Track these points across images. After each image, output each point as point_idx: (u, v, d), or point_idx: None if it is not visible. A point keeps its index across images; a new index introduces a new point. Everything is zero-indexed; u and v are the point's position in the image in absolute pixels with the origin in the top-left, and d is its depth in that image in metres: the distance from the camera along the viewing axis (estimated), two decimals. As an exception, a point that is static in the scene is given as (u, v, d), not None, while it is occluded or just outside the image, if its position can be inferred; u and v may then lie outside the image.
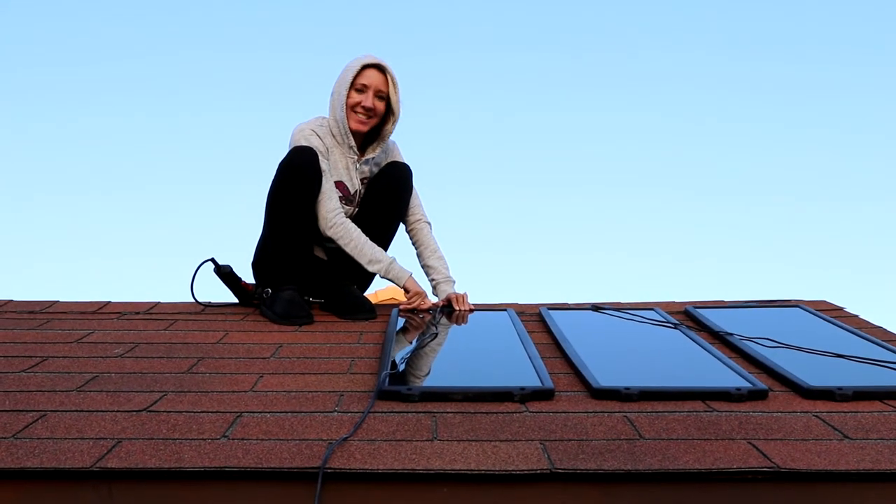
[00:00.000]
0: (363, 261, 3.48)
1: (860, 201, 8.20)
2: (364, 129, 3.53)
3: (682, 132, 8.68)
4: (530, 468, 1.81)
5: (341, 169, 3.57)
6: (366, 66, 3.48)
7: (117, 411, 2.19)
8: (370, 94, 3.47)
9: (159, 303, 3.77)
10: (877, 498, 1.81)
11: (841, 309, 3.63)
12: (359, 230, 3.50)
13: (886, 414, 2.20)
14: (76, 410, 2.20)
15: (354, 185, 3.61)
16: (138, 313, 3.55)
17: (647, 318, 3.32)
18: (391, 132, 3.59)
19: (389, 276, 3.53)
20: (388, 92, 3.50)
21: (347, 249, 3.48)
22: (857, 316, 3.50)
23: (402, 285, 3.54)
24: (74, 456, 1.86)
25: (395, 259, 3.52)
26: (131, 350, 2.89)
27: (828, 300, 3.78)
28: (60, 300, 3.79)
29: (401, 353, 2.75)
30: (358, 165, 3.59)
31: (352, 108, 3.48)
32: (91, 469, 1.80)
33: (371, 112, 3.48)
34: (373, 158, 3.64)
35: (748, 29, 8.50)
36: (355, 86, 3.48)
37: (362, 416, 2.13)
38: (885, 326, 3.29)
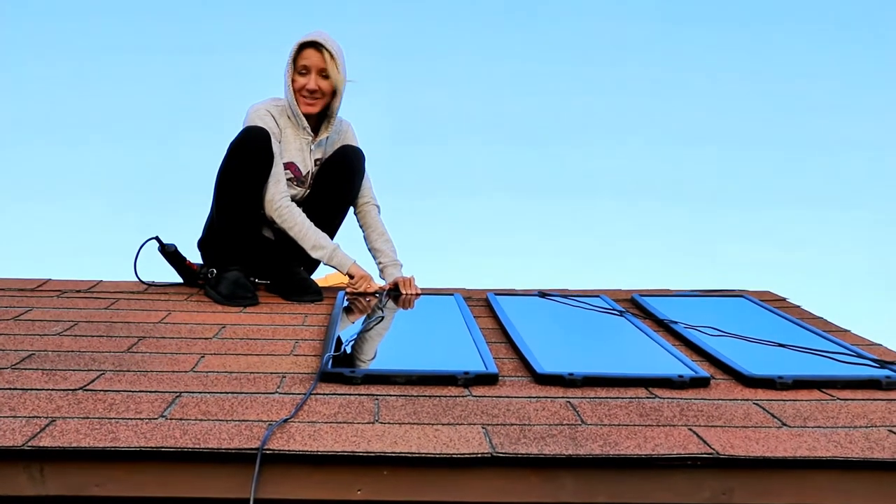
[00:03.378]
0: (307, 246, 3.45)
1: (808, 195, 8.33)
2: (314, 110, 3.48)
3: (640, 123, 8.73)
4: (471, 452, 1.80)
5: (294, 150, 3.53)
6: (303, 46, 3.41)
7: (52, 390, 2.14)
8: (312, 75, 3.41)
9: (101, 281, 3.70)
10: (813, 484, 1.83)
11: (784, 300, 3.68)
12: (304, 215, 3.47)
13: (825, 402, 2.23)
14: (9, 388, 2.14)
15: (307, 167, 3.57)
16: (79, 291, 3.48)
17: (592, 305, 3.33)
18: (338, 107, 3.54)
19: (333, 263, 3.50)
20: (328, 69, 3.43)
21: (292, 234, 3.45)
22: (799, 307, 3.55)
23: (345, 272, 3.52)
24: (6, 435, 1.81)
25: (338, 246, 3.50)
26: (70, 328, 2.83)
27: (772, 291, 3.82)
28: (-2, 277, 3.71)
29: (345, 336, 2.73)
30: (312, 147, 3.56)
31: (298, 91, 3.44)
32: (22, 448, 1.75)
33: (316, 93, 3.44)
34: (326, 139, 3.60)
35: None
36: (297, 69, 3.42)
37: (304, 398, 2.11)
38: (825, 317, 3.34)
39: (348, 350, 2.57)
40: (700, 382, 2.36)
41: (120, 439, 1.81)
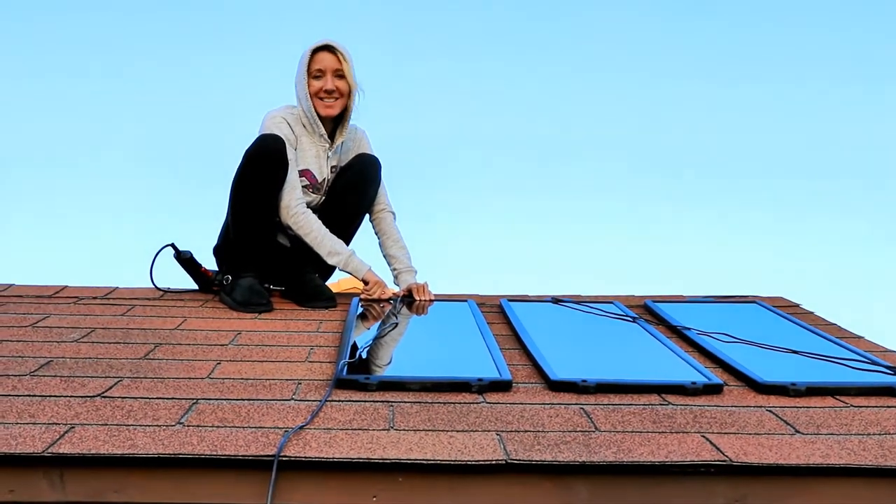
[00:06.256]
0: (322, 252, 3.47)
1: (822, 199, 8.30)
2: (334, 112, 3.52)
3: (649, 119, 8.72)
4: (486, 459, 1.81)
5: (310, 157, 3.56)
6: (316, 51, 3.49)
7: (71, 396, 2.17)
8: (328, 76, 3.47)
9: (117, 288, 3.73)
10: (826, 492, 1.83)
11: (797, 306, 3.67)
12: (319, 221, 3.49)
13: (838, 409, 2.23)
14: (28, 395, 2.17)
15: (323, 174, 3.59)
16: (96, 298, 3.51)
17: (606, 312, 3.33)
18: (352, 107, 3.57)
19: (348, 269, 3.52)
20: (343, 69, 3.50)
21: (307, 240, 3.47)
22: (812, 313, 3.54)
23: (360, 278, 3.54)
24: (26, 441, 1.83)
25: (354, 252, 3.52)
26: (87, 335, 2.86)
27: (785, 297, 3.82)
28: (15, 283, 3.74)
29: (360, 343, 2.75)
30: (329, 154, 3.58)
31: (315, 95, 3.48)
32: (42, 455, 1.78)
33: (334, 93, 3.48)
34: (341, 146, 3.63)
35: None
36: (312, 73, 3.48)
37: (319, 405, 2.13)
38: (838, 323, 3.34)
39: (363, 356, 2.59)
40: (713, 389, 2.36)
41: (138, 446, 1.83)
